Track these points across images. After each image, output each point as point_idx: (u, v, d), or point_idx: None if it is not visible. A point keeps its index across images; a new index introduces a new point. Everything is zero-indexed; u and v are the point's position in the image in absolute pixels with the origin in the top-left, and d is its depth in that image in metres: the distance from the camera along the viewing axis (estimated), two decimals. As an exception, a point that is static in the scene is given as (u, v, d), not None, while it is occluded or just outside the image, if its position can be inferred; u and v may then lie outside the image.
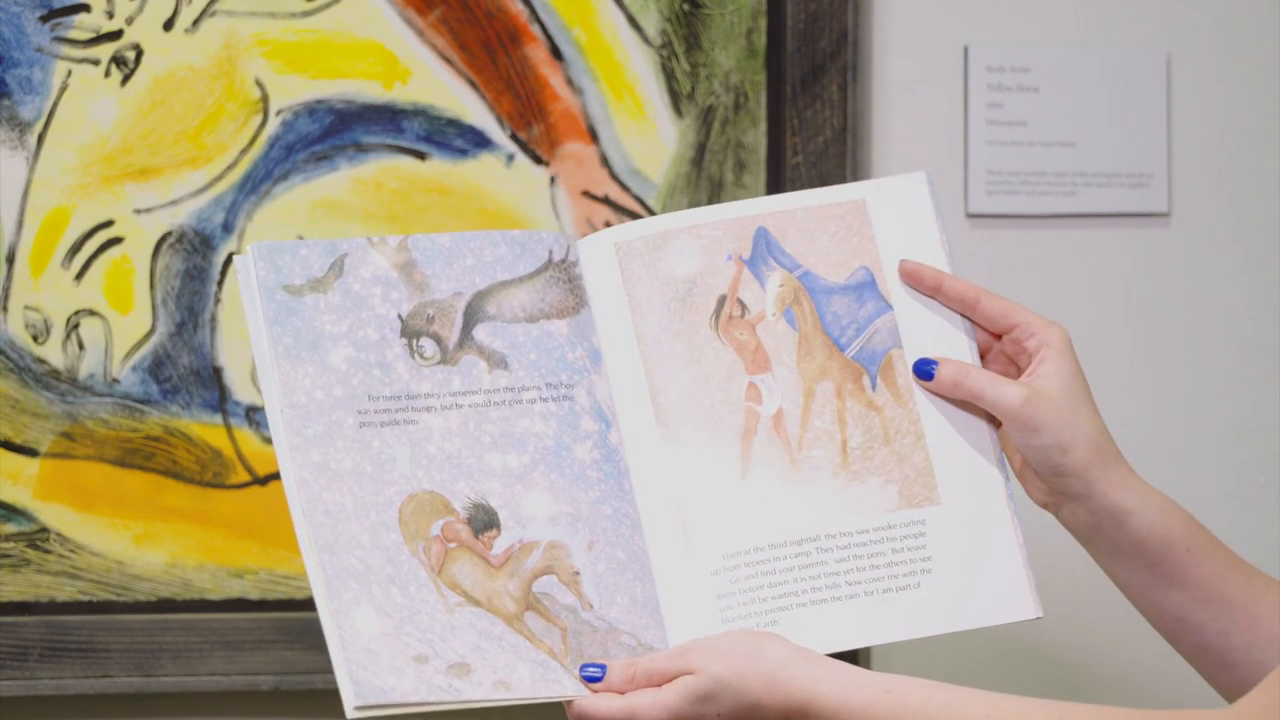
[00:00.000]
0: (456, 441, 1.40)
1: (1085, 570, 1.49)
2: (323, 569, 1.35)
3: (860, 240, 1.47)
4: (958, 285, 1.46)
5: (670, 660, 1.36)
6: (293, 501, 1.37)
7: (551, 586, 1.39)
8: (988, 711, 1.27)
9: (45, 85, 1.78)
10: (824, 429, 1.45)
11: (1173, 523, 1.40)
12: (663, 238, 1.46)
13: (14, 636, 1.77)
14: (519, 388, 1.42)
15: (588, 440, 1.42)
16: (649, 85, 1.83)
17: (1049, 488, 1.42)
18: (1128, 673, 1.85)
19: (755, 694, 1.33)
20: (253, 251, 1.40)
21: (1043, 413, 1.40)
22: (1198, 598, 1.40)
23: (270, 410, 1.39)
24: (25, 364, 1.78)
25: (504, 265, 1.44)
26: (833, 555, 1.43)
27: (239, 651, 1.79)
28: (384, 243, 1.43)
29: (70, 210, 1.78)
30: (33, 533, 1.78)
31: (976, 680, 1.32)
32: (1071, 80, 1.87)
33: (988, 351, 1.47)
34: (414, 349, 1.42)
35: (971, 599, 1.43)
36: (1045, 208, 1.87)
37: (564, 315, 1.45)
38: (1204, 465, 1.87)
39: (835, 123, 1.83)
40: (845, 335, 1.46)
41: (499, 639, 1.37)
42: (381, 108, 1.81)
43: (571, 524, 1.40)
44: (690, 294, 1.45)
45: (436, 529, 1.39)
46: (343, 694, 1.34)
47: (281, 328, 1.39)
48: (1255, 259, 1.88)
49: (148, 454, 1.79)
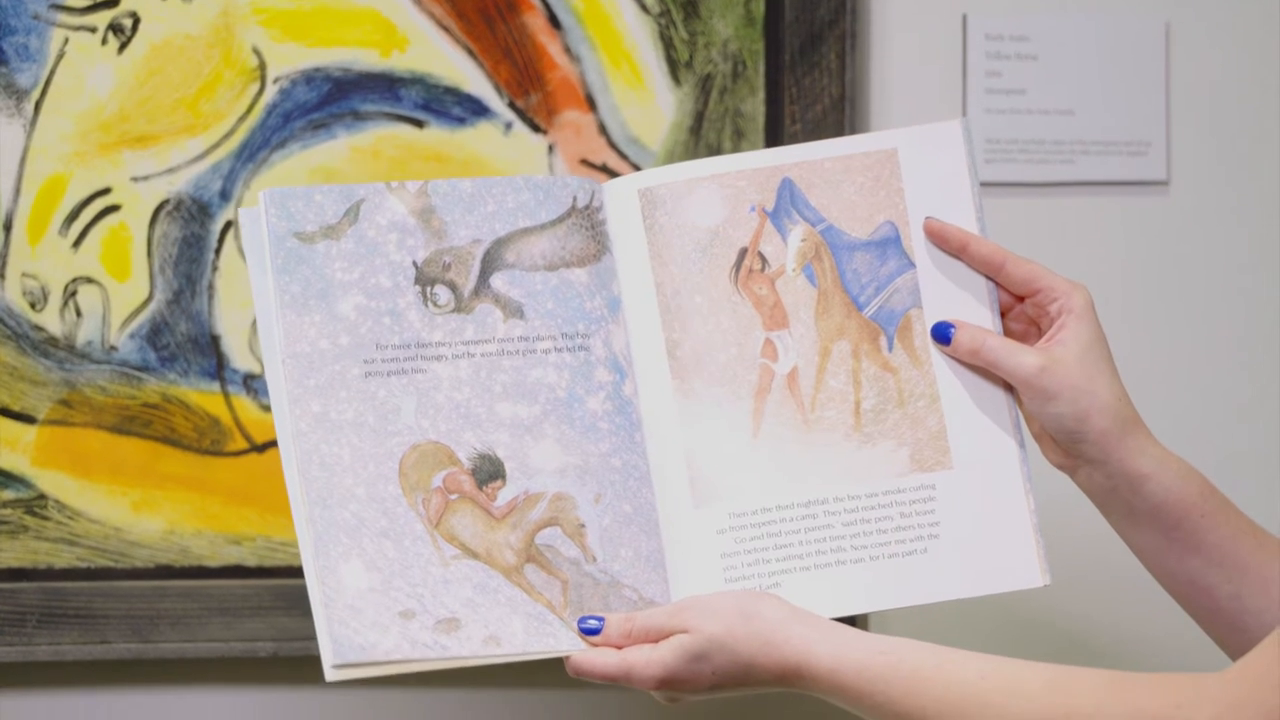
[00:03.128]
0: (466, 391, 1.40)
1: (1094, 538, 1.49)
2: (312, 524, 1.35)
3: (888, 193, 1.45)
4: (983, 247, 1.45)
5: (667, 617, 1.35)
6: (286, 454, 1.37)
7: (555, 539, 1.39)
8: (982, 672, 1.27)
9: (42, 53, 1.77)
10: (838, 389, 1.44)
11: (1189, 488, 1.40)
12: (687, 185, 1.44)
13: (12, 603, 1.77)
14: (534, 337, 1.41)
15: (601, 392, 1.42)
16: (647, 53, 1.83)
17: (1065, 452, 1.42)
18: (1134, 643, 1.85)
19: (750, 654, 1.33)
20: (265, 197, 1.39)
21: (1059, 380, 1.40)
22: (1212, 562, 1.40)
23: (270, 361, 1.39)
24: (23, 331, 1.78)
25: (526, 212, 1.43)
26: (840, 518, 1.42)
27: (237, 618, 1.79)
28: (403, 188, 1.42)
29: (68, 178, 1.78)
30: (30, 499, 1.78)
31: (980, 648, 1.31)
32: (1070, 48, 1.87)
33: (1010, 310, 1.46)
34: (428, 296, 1.41)
35: (979, 566, 1.42)
36: (1044, 176, 1.87)
37: (584, 263, 1.43)
38: (1203, 433, 1.86)
39: (833, 91, 1.83)
40: (865, 294, 1.45)
41: (494, 592, 1.36)
42: (379, 76, 1.80)
43: (579, 476, 1.40)
44: (712, 245, 1.45)
45: (438, 480, 1.38)
46: (322, 653, 1.34)
47: (289, 276, 1.39)
48: (1253, 227, 1.88)
49: (145, 421, 1.79)
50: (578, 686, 1.83)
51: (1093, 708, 1.20)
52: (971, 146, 1.46)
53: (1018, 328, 1.46)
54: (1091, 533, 1.48)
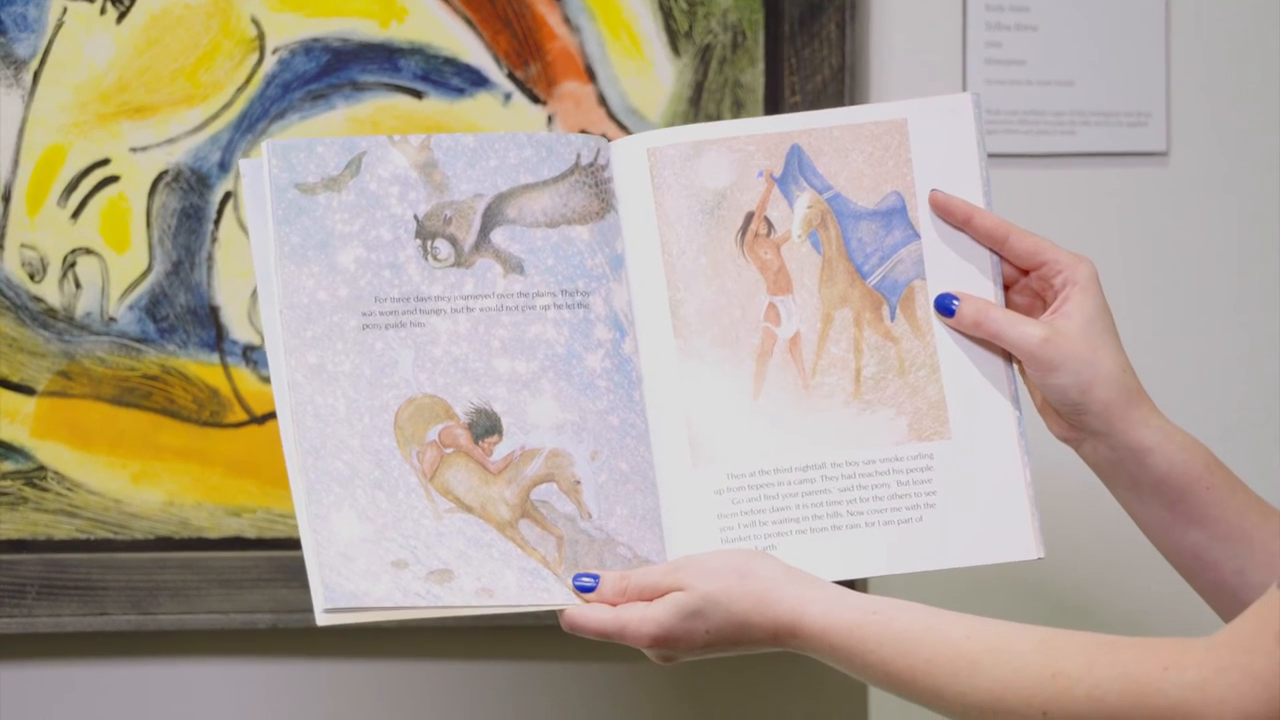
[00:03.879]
0: (464, 345, 1.40)
1: (1091, 512, 1.49)
2: (304, 472, 1.35)
3: (896, 163, 1.46)
4: (987, 220, 1.45)
5: (662, 575, 1.36)
6: (281, 403, 1.37)
7: (550, 495, 1.39)
8: (971, 633, 1.27)
9: (40, 22, 1.77)
10: (839, 356, 1.44)
11: (1193, 460, 1.40)
12: (696, 148, 1.45)
13: (11, 574, 1.77)
14: (533, 293, 1.41)
15: (599, 349, 1.42)
16: (646, 24, 1.82)
17: (1069, 425, 1.42)
18: (1126, 615, 1.85)
19: (744, 612, 1.33)
20: (267, 148, 1.40)
21: (1062, 353, 1.40)
22: (1216, 535, 1.40)
23: (267, 311, 1.38)
24: (22, 302, 1.77)
25: (528, 168, 1.43)
26: (837, 484, 1.42)
27: (236, 590, 1.79)
28: (405, 141, 1.42)
29: (66, 148, 1.78)
30: (30, 471, 1.78)
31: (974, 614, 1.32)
32: (1070, 19, 1.87)
33: (1014, 284, 1.46)
34: (428, 250, 1.41)
35: (973, 536, 1.43)
36: (1044, 147, 1.87)
37: (587, 220, 1.43)
38: (1201, 403, 1.86)
39: (833, 62, 1.83)
40: (869, 263, 1.45)
41: (488, 546, 1.37)
42: (378, 46, 1.80)
43: (576, 433, 1.40)
44: (719, 207, 1.45)
45: (434, 434, 1.38)
46: (313, 598, 1.34)
47: (290, 227, 1.39)
48: (1252, 198, 1.88)
49: (145, 393, 1.79)
50: (576, 659, 1.83)
51: (1081, 669, 1.20)
52: (981, 120, 1.46)
53: (1022, 301, 1.46)
54: (1088, 506, 1.48)
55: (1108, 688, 1.19)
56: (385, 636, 1.82)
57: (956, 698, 1.26)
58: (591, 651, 1.80)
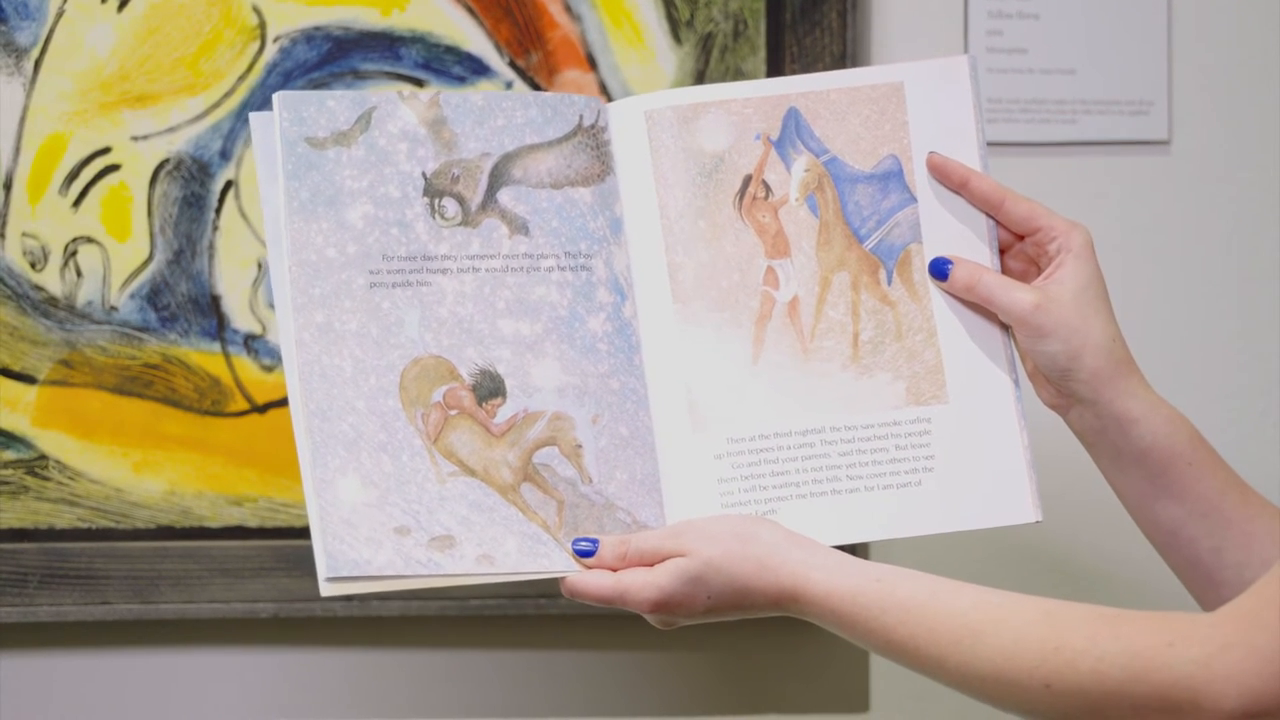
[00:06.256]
0: (469, 306, 1.39)
1: (1089, 477, 1.49)
2: (311, 435, 1.35)
3: (893, 126, 1.46)
4: (984, 184, 1.45)
5: (663, 540, 1.35)
6: (289, 363, 1.37)
7: (552, 458, 1.39)
8: (975, 603, 1.26)
9: (42, 11, 1.77)
10: (837, 320, 1.44)
11: (1177, 435, 1.40)
12: (693, 110, 1.45)
13: (13, 563, 1.77)
14: (538, 254, 1.41)
15: (601, 313, 1.42)
16: (648, 12, 1.82)
17: (1058, 391, 1.42)
18: (1128, 580, 1.85)
19: (745, 578, 1.33)
20: (279, 100, 1.40)
21: (1052, 319, 1.40)
22: (1195, 512, 1.40)
23: (276, 268, 1.38)
24: (23, 291, 1.77)
25: (534, 128, 1.43)
26: (836, 448, 1.42)
27: (238, 579, 1.78)
28: (415, 97, 1.42)
29: (67, 137, 1.78)
30: (31, 460, 1.78)
31: (971, 581, 1.31)
32: (1071, 7, 1.87)
33: (1010, 249, 1.46)
34: (435, 208, 1.41)
35: (971, 500, 1.43)
36: (1046, 135, 1.87)
37: (589, 183, 1.43)
38: (1201, 390, 1.86)
39: (834, 50, 1.82)
40: (865, 226, 1.45)
41: (490, 510, 1.36)
42: (379, 35, 1.80)
43: (578, 396, 1.40)
44: (716, 170, 1.45)
45: (439, 395, 1.38)
46: (317, 566, 1.34)
47: (299, 182, 1.38)
48: (1254, 186, 1.88)
49: (146, 382, 1.79)
50: (577, 647, 1.83)
51: (1085, 641, 1.20)
52: (978, 83, 1.47)
53: (1017, 266, 1.46)
54: (1085, 471, 1.48)
55: (1111, 661, 1.19)
56: (386, 625, 1.81)
57: (958, 667, 1.26)
58: (591, 639, 1.80)
